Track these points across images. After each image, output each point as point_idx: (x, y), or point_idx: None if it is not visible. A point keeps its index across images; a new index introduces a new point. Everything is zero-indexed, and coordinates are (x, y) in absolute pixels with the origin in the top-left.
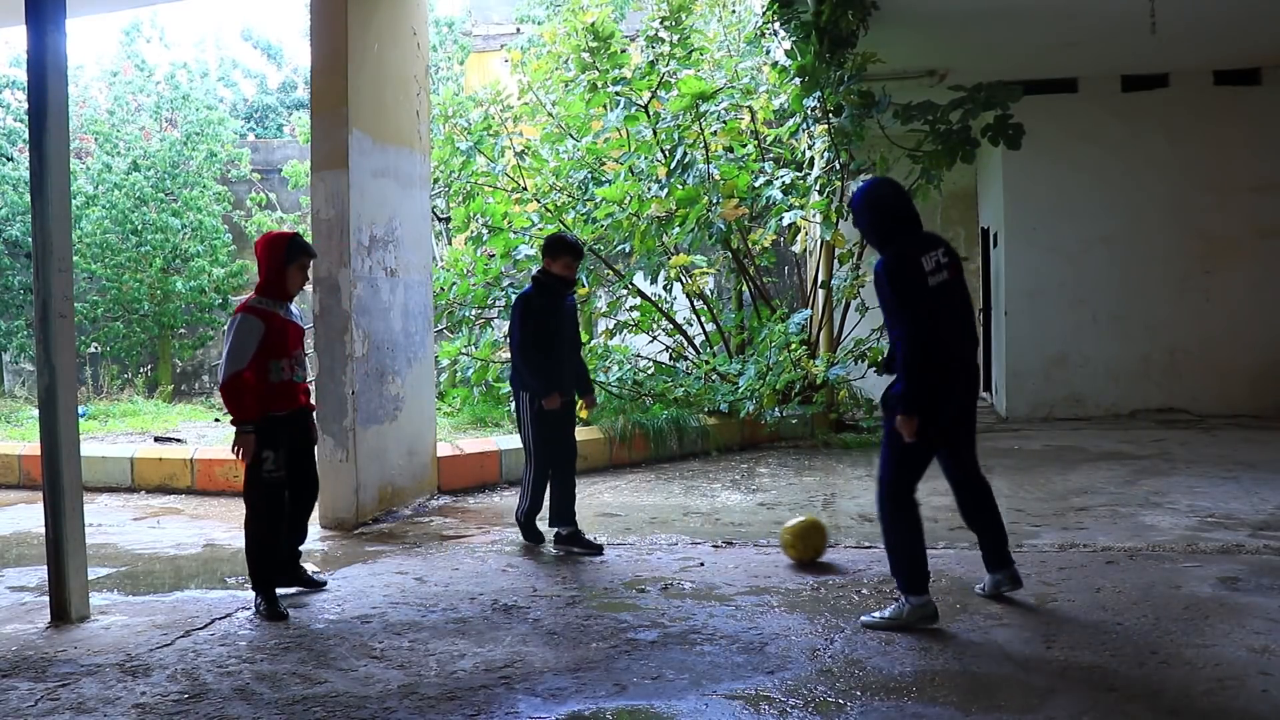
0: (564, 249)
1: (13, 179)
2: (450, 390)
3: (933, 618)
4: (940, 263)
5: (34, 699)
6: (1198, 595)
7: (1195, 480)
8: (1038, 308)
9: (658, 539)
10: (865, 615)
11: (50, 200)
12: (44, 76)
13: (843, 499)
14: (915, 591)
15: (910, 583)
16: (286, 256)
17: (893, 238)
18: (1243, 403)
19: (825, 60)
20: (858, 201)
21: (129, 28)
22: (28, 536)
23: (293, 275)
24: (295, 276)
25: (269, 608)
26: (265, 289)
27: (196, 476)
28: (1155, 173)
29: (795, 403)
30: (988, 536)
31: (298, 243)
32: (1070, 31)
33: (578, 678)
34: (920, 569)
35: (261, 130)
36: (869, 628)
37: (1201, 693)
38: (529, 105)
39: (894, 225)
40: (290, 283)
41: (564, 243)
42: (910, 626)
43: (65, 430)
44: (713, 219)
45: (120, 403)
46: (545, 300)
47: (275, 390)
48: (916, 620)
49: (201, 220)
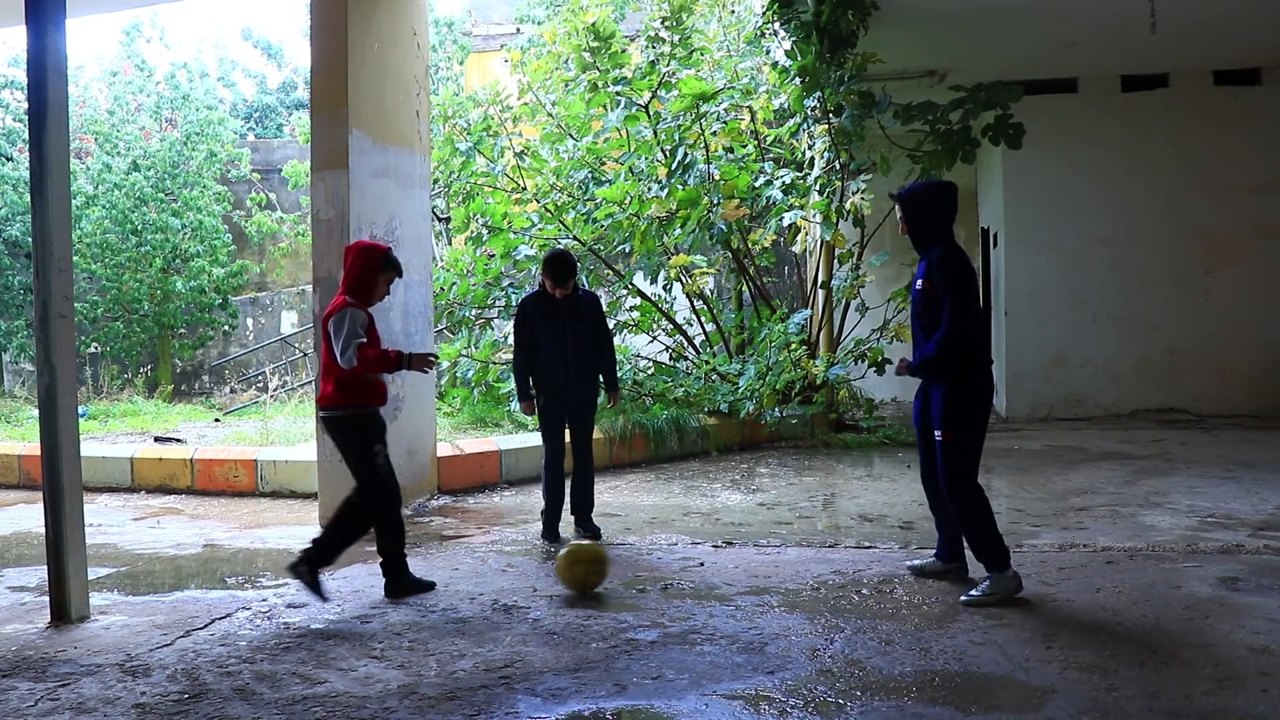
0: (546, 269)
1: (13, 179)
2: (450, 390)
3: (1019, 585)
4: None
5: (34, 699)
6: (1198, 595)
7: (1195, 480)
8: (1038, 308)
9: (658, 539)
10: (964, 595)
11: (50, 200)
12: (44, 76)
13: (843, 499)
14: (1003, 567)
15: (999, 560)
16: (383, 264)
17: (945, 238)
18: (1243, 403)
19: (825, 60)
20: (927, 197)
21: (129, 28)
22: (28, 536)
23: (380, 284)
24: (382, 286)
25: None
26: (353, 290)
27: (196, 476)
28: (1155, 173)
29: (795, 403)
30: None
31: (391, 256)
32: (1070, 31)
33: (578, 678)
34: (1001, 546)
35: (261, 130)
36: (971, 605)
37: (1201, 693)
38: (529, 105)
39: (948, 229)
40: (377, 290)
41: (547, 263)
42: (1009, 597)
43: (65, 430)
44: (713, 219)
45: (120, 403)
46: (540, 304)
47: (371, 383)
48: (1012, 590)
49: (201, 220)
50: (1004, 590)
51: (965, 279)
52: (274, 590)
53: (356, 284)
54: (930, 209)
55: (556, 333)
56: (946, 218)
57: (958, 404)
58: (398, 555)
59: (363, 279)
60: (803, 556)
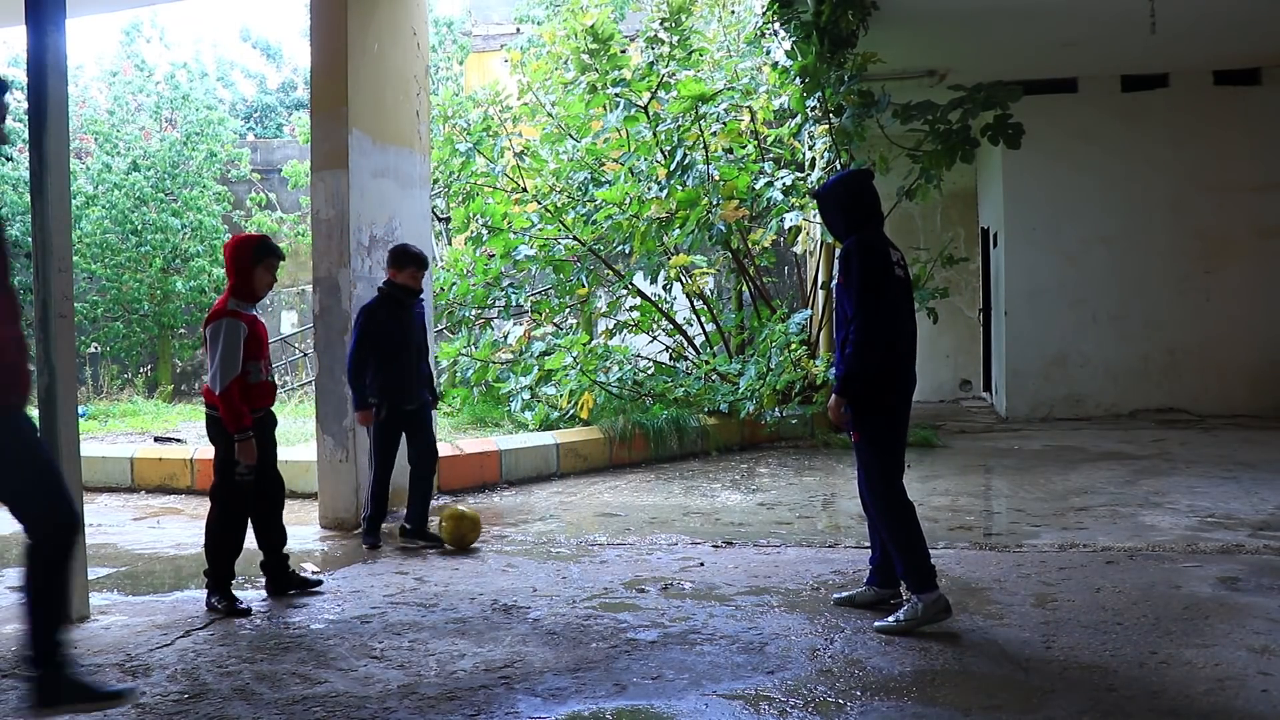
0: (410, 260)
1: (13, 179)
2: (450, 390)
3: (946, 611)
4: (899, 263)
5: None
6: (1198, 595)
7: (1195, 480)
8: (1038, 308)
9: (658, 539)
10: (878, 621)
11: (50, 200)
12: (44, 76)
13: (842, 499)
14: (926, 589)
15: (921, 580)
16: (254, 257)
17: (861, 228)
18: (1243, 403)
19: (826, 60)
20: (833, 188)
21: (129, 28)
22: None
23: (260, 276)
24: (262, 277)
25: (228, 604)
26: (236, 291)
27: (196, 476)
28: (1155, 173)
29: (795, 403)
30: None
31: (265, 244)
32: (1070, 31)
33: (578, 678)
34: (927, 564)
35: (261, 130)
36: (884, 633)
37: (1201, 693)
38: (528, 106)
39: (864, 218)
40: (258, 283)
41: (409, 254)
42: (926, 624)
43: (65, 430)
44: (713, 220)
45: (120, 403)
46: (389, 311)
47: (254, 391)
48: (932, 617)
49: (201, 220)
50: (925, 616)
51: (872, 272)
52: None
53: (237, 283)
54: (837, 201)
55: (403, 342)
56: (858, 206)
57: (870, 402)
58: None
59: (241, 275)
60: (803, 556)
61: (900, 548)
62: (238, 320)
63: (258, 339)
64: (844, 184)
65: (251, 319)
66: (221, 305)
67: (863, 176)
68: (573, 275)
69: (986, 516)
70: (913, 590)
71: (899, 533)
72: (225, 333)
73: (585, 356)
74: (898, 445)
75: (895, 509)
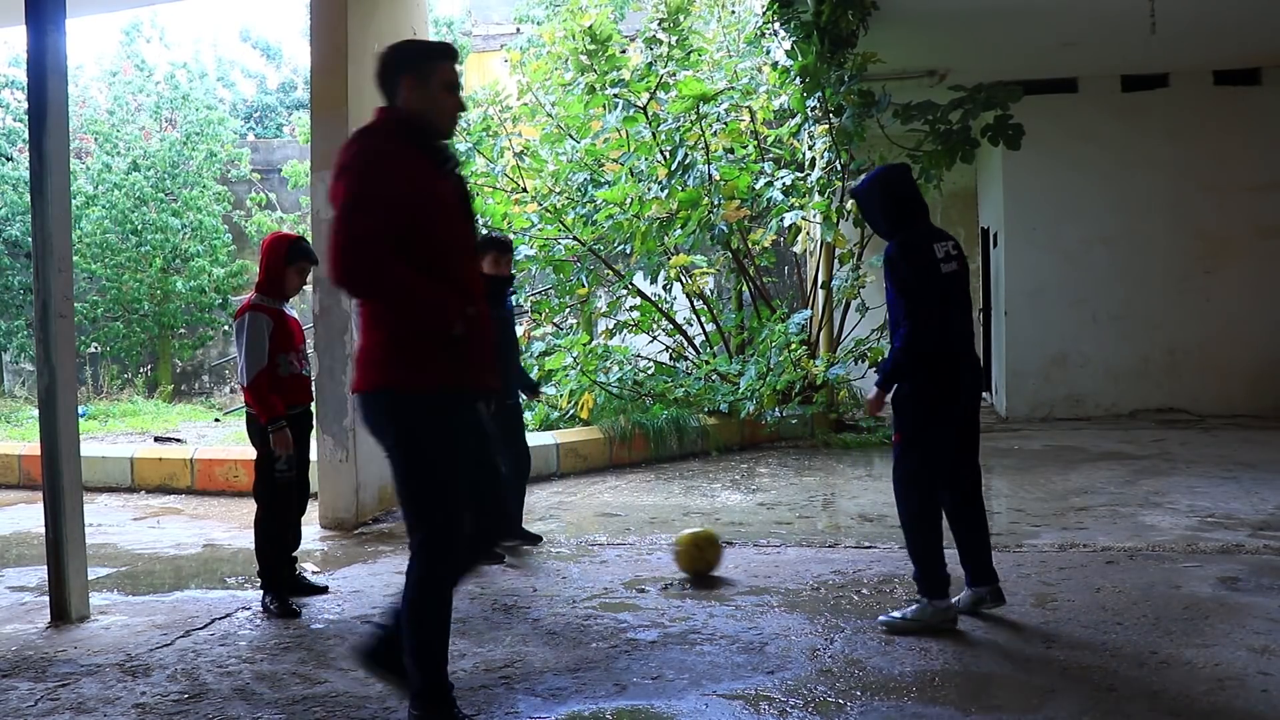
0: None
1: (13, 179)
2: None
3: (953, 622)
4: (950, 254)
5: (34, 699)
6: (1198, 595)
7: (1195, 480)
8: (1038, 308)
9: (658, 539)
10: (884, 615)
11: (50, 200)
12: (44, 76)
13: (843, 499)
14: (935, 595)
15: (933, 586)
16: (287, 258)
17: (903, 224)
18: (1242, 403)
19: (826, 60)
20: (869, 185)
21: (129, 28)
22: (28, 536)
23: (291, 277)
24: (293, 278)
25: (280, 605)
26: (264, 287)
27: (196, 476)
28: (1155, 173)
29: (795, 403)
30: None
31: (300, 246)
32: (1070, 31)
33: (578, 678)
34: (942, 573)
35: (261, 130)
36: (889, 627)
37: (1201, 693)
38: (528, 106)
39: (906, 212)
40: (288, 284)
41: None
42: (932, 629)
43: (65, 430)
44: (713, 220)
45: (120, 403)
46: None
47: (285, 385)
48: (939, 624)
49: (201, 220)
50: (933, 620)
51: (918, 271)
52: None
53: (266, 280)
54: (875, 201)
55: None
56: (897, 204)
57: (914, 406)
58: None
59: (271, 275)
60: (803, 556)
61: (915, 557)
62: (260, 314)
63: (287, 332)
64: (880, 182)
65: (277, 313)
66: (248, 300)
67: (898, 171)
68: (573, 275)
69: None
70: (924, 594)
71: (915, 543)
72: (249, 327)
73: (585, 356)
74: (941, 454)
75: (917, 520)
